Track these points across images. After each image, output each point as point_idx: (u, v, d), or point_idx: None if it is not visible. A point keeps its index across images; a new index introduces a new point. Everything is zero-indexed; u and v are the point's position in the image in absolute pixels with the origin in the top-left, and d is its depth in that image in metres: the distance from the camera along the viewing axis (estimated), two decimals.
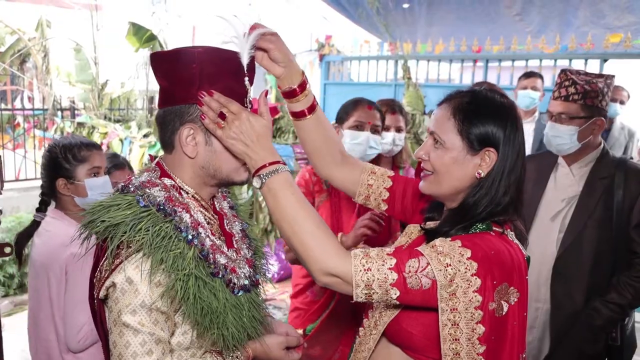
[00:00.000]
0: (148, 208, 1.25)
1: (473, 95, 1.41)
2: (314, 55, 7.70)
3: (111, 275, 1.23)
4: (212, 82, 1.31)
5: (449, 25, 6.41)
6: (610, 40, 5.28)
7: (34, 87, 7.86)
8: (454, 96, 1.43)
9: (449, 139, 1.38)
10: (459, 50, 6.31)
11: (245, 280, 1.39)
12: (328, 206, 2.50)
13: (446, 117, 1.40)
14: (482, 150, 1.37)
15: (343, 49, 7.46)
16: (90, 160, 2.15)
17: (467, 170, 1.38)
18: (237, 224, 1.53)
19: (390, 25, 6.42)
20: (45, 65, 7.49)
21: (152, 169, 1.40)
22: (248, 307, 1.37)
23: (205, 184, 1.40)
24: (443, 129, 1.39)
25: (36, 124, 6.64)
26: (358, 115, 2.49)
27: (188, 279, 1.23)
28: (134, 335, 1.22)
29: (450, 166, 1.39)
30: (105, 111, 6.14)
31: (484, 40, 6.02)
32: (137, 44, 5.50)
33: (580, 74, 2.32)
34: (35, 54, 7.53)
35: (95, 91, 6.21)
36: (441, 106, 1.43)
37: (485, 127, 1.37)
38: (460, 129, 1.38)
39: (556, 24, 5.77)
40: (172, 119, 1.33)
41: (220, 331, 1.28)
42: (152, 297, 1.21)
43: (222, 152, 1.35)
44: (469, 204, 1.40)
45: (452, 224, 1.40)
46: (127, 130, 5.14)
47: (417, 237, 1.57)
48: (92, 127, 5.30)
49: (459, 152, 1.38)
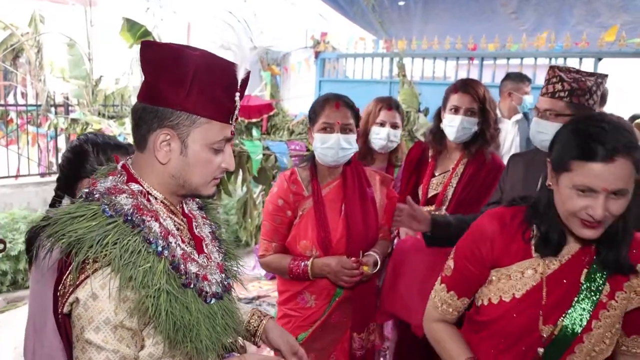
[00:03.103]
0: (114, 219, 1.19)
1: (631, 141, 1.44)
2: (309, 53, 7.68)
3: (75, 291, 1.17)
4: (202, 91, 1.24)
5: (445, 22, 6.41)
6: (605, 39, 5.28)
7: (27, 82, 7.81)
8: (622, 148, 1.41)
9: (630, 185, 1.43)
10: (455, 48, 6.31)
11: (218, 287, 1.35)
12: (312, 214, 2.39)
13: (629, 171, 1.41)
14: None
15: (338, 46, 7.45)
16: None
17: None
18: (206, 227, 1.47)
19: (386, 22, 6.41)
20: (39, 61, 7.45)
21: (118, 172, 1.33)
22: (221, 315, 1.33)
23: (174, 193, 1.34)
24: (628, 181, 1.41)
25: (29, 120, 6.60)
26: (326, 116, 2.35)
27: (159, 294, 1.17)
28: (97, 352, 1.16)
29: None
30: (99, 107, 6.10)
31: (479, 38, 6.03)
32: (131, 40, 5.47)
33: (570, 72, 2.30)
34: (28, 50, 7.49)
35: (89, 87, 6.16)
36: (618, 162, 1.40)
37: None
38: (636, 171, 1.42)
39: (551, 23, 5.77)
40: (151, 118, 1.25)
41: (193, 344, 1.24)
42: (117, 314, 1.16)
43: (195, 165, 1.29)
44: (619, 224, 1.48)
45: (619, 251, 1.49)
46: (121, 126, 5.11)
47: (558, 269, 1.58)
48: (86, 123, 5.27)
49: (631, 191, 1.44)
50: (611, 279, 1.52)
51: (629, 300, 1.53)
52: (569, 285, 1.53)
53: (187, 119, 1.24)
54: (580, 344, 1.52)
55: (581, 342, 1.52)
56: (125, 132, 4.83)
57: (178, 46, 1.27)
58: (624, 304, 1.52)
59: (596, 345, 1.52)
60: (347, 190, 2.44)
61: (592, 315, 1.51)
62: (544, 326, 1.54)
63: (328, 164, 2.41)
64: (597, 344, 1.52)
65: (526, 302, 1.56)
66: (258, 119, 5.43)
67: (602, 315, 1.51)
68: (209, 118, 1.26)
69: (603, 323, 1.51)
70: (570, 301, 1.52)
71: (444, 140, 2.86)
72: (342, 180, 2.46)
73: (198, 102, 1.23)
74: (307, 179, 2.46)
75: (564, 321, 1.52)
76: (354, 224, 2.40)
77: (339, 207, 2.42)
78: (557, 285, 1.54)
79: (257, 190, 5.19)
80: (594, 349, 1.52)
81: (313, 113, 2.42)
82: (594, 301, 1.51)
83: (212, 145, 1.29)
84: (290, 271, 2.37)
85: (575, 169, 1.43)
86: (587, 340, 1.51)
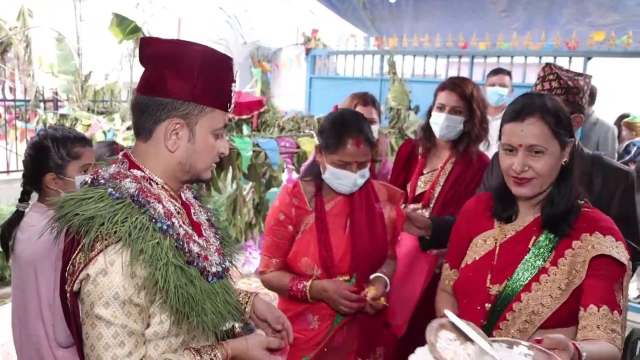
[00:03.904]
0: (121, 199, 1.26)
1: (545, 104, 1.68)
2: (300, 49, 7.68)
3: (86, 268, 1.22)
4: (207, 82, 1.33)
5: (436, 20, 6.42)
6: (594, 38, 5.32)
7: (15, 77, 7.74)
8: (534, 109, 1.66)
9: (549, 145, 1.65)
10: (445, 46, 6.34)
11: (217, 267, 1.42)
12: (314, 229, 2.24)
13: (540, 129, 1.65)
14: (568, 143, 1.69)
15: (329, 43, 7.45)
16: (82, 157, 2.11)
17: (559, 164, 1.69)
18: (202, 214, 1.55)
19: (377, 19, 6.42)
20: (27, 56, 7.37)
21: (119, 160, 1.40)
22: (222, 293, 1.40)
23: (177, 179, 1.42)
24: (542, 139, 1.64)
25: (18, 115, 6.54)
26: (344, 154, 2.13)
27: (167, 268, 1.24)
28: (107, 327, 1.22)
29: (553, 167, 1.67)
30: (88, 103, 6.06)
31: (470, 36, 6.05)
32: (121, 35, 5.42)
33: (562, 70, 2.33)
34: (16, 44, 7.41)
35: (79, 82, 6.12)
36: (526, 121, 1.66)
37: (565, 127, 1.68)
38: (555, 134, 1.65)
39: (541, 21, 5.80)
40: (158, 109, 1.33)
41: (200, 318, 1.30)
42: (126, 290, 1.22)
43: (202, 151, 1.39)
44: (564, 190, 1.71)
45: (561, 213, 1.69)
46: (110, 122, 5.08)
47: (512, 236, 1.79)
48: (75, 118, 5.23)
49: (557, 153, 1.67)
50: (558, 248, 1.69)
51: (571, 273, 1.65)
52: (518, 251, 1.74)
53: (196, 108, 1.35)
54: (518, 303, 1.68)
55: (519, 301, 1.68)
56: (115, 128, 4.80)
57: (180, 41, 1.36)
58: (565, 271, 1.65)
59: (534, 306, 1.66)
60: (354, 204, 2.27)
61: (533, 278, 1.68)
62: (492, 285, 1.75)
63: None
64: (535, 305, 1.66)
65: (480, 264, 1.80)
66: (248, 116, 5.42)
67: (543, 279, 1.67)
68: (214, 107, 1.37)
69: (542, 286, 1.66)
70: (517, 264, 1.72)
71: (433, 138, 2.87)
72: (348, 195, 2.29)
73: (204, 92, 1.34)
74: (311, 192, 2.30)
75: (508, 282, 1.71)
76: (359, 241, 2.24)
77: (343, 222, 2.27)
78: (508, 250, 1.76)
79: (247, 187, 5.18)
80: (532, 310, 1.66)
81: (329, 142, 2.18)
82: (536, 266, 1.69)
83: (215, 131, 1.40)
84: (290, 290, 2.23)
85: (503, 131, 1.72)
86: (525, 300, 1.67)
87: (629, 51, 5.33)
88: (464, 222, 1.95)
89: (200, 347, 1.36)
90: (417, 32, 6.48)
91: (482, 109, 2.80)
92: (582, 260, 1.63)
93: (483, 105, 2.83)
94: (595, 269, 1.60)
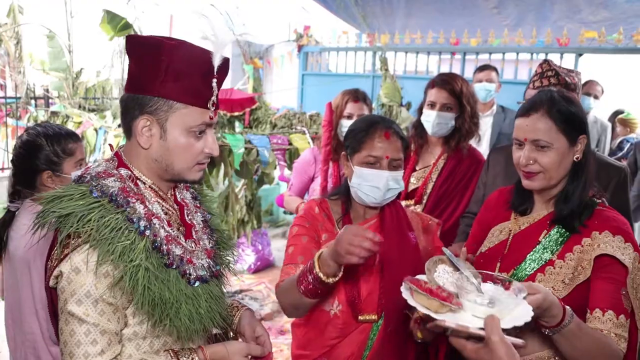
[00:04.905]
0: (99, 199, 1.26)
1: (553, 100, 1.70)
2: (292, 46, 7.67)
3: (59, 265, 1.24)
4: (177, 78, 1.30)
5: (427, 17, 6.43)
6: (585, 35, 5.35)
7: (6, 74, 7.69)
8: (540, 105, 1.70)
9: (555, 140, 1.67)
10: (437, 43, 6.34)
11: (203, 271, 1.40)
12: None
13: (546, 124, 1.68)
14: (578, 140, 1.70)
15: (321, 39, 7.44)
16: (76, 153, 2.11)
17: (568, 159, 1.70)
18: (198, 215, 1.53)
19: (369, 16, 6.42)
20: (18, 53, 7.33)
21: (110, 159, 1.41)
22: (206, 298, 1.38)
23: (160, 177, 1.40)
24: (548, 134, 1.67)
25: (9, 113, 6.50)
26: (373, 148, 1.89)
27: (137, 270, 1.23)
28: (79, 324, 1.23)
29: (560, 162, 1.69)
30: (79, 100, 6.03)
31: (461, 33, 6.06)
32: (112, 32, 5.40)
33: (559, 67, 2.35)
34: (7, 41, 7.36)
35: (70, 80, 6.09)
36: (532, 116, 1.70)
37: (574, 123, 1.69)
38: (562, 130, 1.67)
39: (533, 18, 5.82)
40: (133, 106, 1.33)
41: (172, 323, 1.29)
42: (98, 288, 1.22)
43: (175, 149, 1.35)
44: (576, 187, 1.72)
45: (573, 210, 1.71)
46: (102, 119, 5.06)
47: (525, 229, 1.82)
48: (67, 116, 5.21)
49: (564, 148, 1.69)
50: (567, 243, 1.71)
51: (577, 269, 1.66)
52: (528, 242, 1.78)
53: (165, 104, 1.32)
54: None
55: None
56: (106, 125, 4.78)
57: (156, 37, 1.34)
58: (572, 266, 1.67)
59: None
60: (385, 234, 1.91)
61: (538, 269, 1.71)
62: (500, 273, 1.77)
63: (367, 204, 1.98)
64: None
65: (493, 252, 1.85)
66: (240, 113, 5.41)
67: (548, 271, 1.70)
68: (186, 103, 1.33)
69: (546, 277, 1.69)
70: (526, 255, 1.76)
71: (425, 135, 2.88)
72: (379, 222, 2.00)
73: (174, 88, 1.30)
74: (338, 213, 2.02)
75: (514, 271, 1.75)
76: (390, 276, 1.89)
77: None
78: (520, 241, 1.80)
79: (239, 184, 5.18)
80: None
81: (354, 139, 1.94)
82: (544, 258, 1.72)
83: (190, 129, 1.35)
84: (299, 283, 1.68)
85: (514, 126, 1.77)
86: None
87: (620, 48, 5.35)
88: (486, 212, 2.01)
89: (179, 350, 1.35)
90: (409, 28, 6.49)
91: (472, 104, 2.82)
92: (589, 258, 1.64)
93: (473, 101, 2.84)
94: (602, 270, 1.61)
